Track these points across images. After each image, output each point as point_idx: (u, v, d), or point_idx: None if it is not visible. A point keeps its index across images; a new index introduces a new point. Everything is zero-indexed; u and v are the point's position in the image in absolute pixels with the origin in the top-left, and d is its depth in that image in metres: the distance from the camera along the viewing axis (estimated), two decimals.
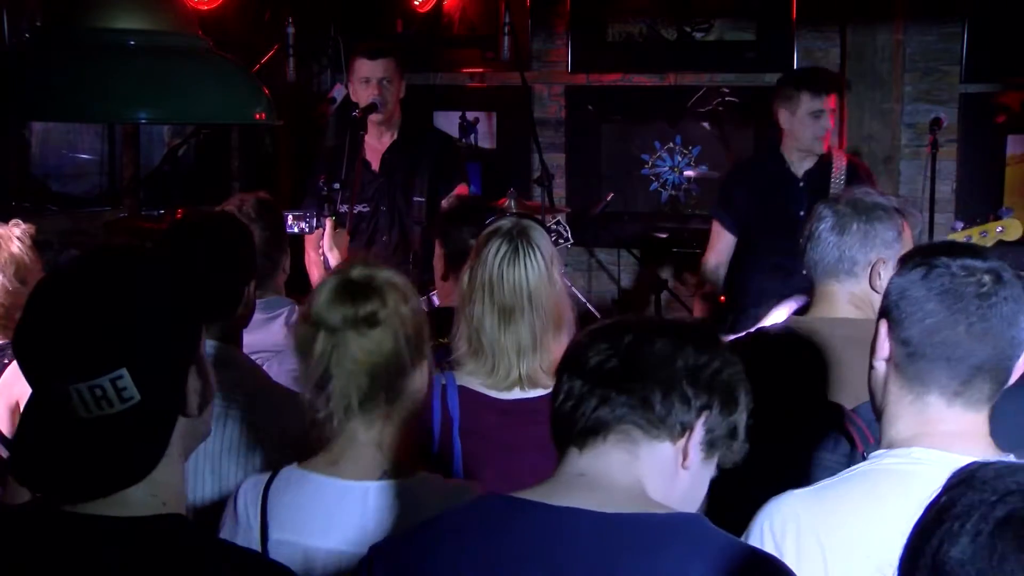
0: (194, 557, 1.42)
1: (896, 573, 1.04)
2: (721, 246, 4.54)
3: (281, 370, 3.23)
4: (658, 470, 1.47)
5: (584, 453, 1.47)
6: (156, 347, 1.42)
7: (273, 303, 3.32)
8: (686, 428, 1.49)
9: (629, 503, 1.43)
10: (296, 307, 3.42)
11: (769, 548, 1.65)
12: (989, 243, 4.04)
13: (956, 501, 1.00)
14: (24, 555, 1.40)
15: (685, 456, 1.48)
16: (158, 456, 1.42)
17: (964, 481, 1.02)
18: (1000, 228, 4.06)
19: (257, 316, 3.18)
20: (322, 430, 1.95)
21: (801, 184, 4.37)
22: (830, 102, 4.32)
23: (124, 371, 1.37)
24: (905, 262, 1.72)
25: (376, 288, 1.97)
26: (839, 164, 4.41)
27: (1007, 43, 5.41)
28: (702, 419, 1.49)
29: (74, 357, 1.37)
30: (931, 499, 1.04)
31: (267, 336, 3.23)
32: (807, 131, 4.33)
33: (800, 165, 4.40)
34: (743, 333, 2.74)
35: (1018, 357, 1.66)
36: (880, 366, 1.70)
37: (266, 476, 1.97)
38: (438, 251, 3.29)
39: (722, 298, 5.19)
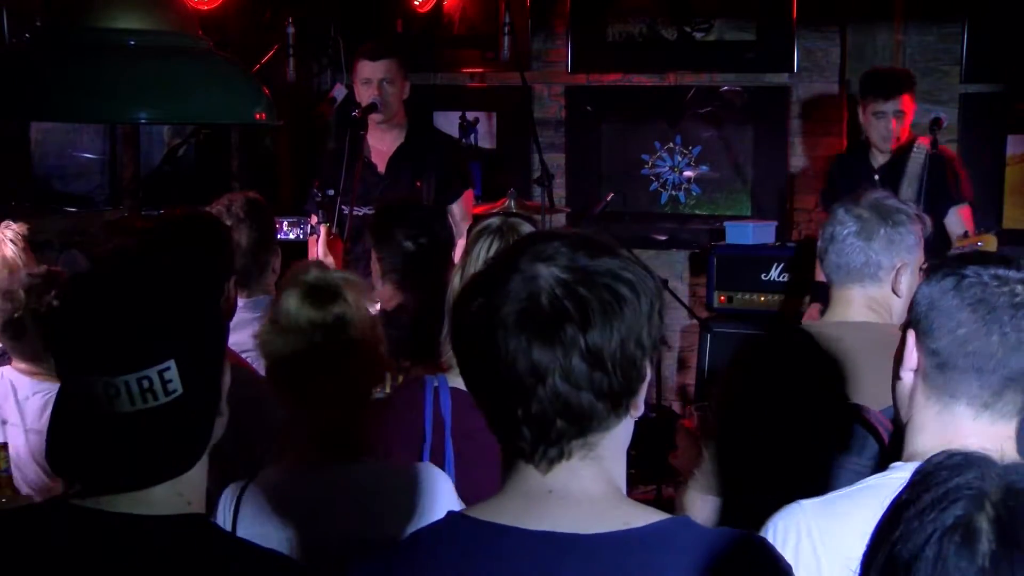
0: (218, 557, 1.43)
1: (858, 570, 1.04)
2: None
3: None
4: (619, 447, 1.37)
5: (547, 474, 1.33)
6: (200, 342, 1.45)
7: (260, 302, 3.32)
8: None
9: (607, 516, 1.33)
10: None
11: None
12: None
13: (911, 502, 1.01)
14: (50, 553, 1.41)
15: (636, 406, 1.36)
16: (199, 452, 1.45)
17: (923, 479, 1.02)
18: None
19: (244, 315, 3.20)
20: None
21: (876, 177, 4.57)
22: (896, 104, 4.61)
23: (172, 363, 1.39)
24: (933, 272, 1.68)
25: (336, 289, 2.06)
26: (918, 152, 4.63)
27: (1007, 43, 5.41)
28: (649, 364, 1.35)
29: (125, 349, 1.39)
30: (894, 497, 1.04)
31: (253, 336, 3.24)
32: (872, 131, 4.69)
33: (879, 158, 4.66)
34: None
35: None
36: (907, 377, 1.68)
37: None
38: (373, 255, 3.32)
39: (722, 298, 5.20)
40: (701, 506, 2.43)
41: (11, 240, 3.15)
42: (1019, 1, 5.23)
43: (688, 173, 6.08)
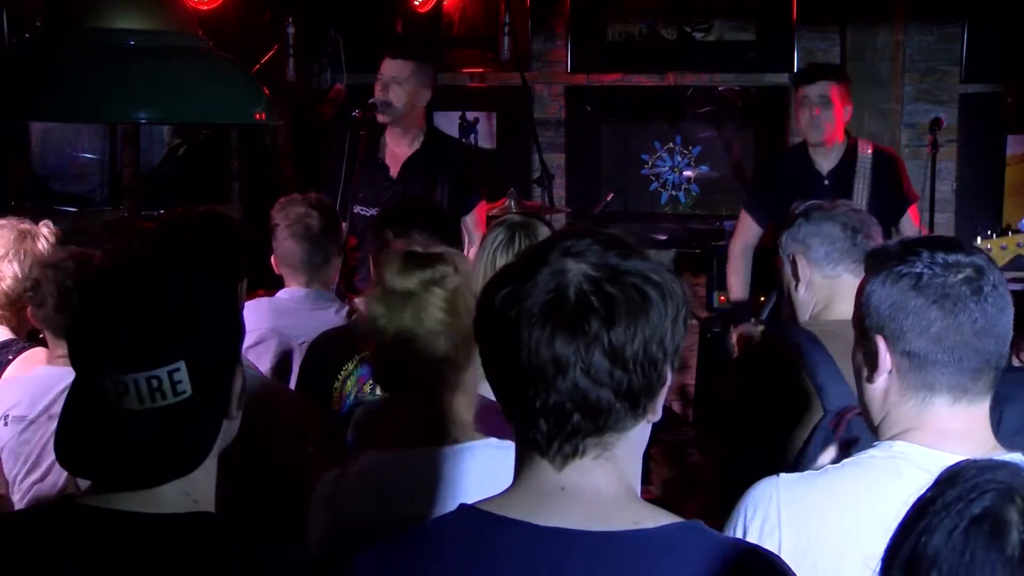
0: (225, 555, 1.44)
1: (879, 565, 1.04)
2: (746, 234, 4.63)
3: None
4: (634, 449, 1.37)
5: (561, 471, 1.34)
6: (212, 345, 1.46)
7: (318, 296, 3.41)
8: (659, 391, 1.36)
9: (618, 515, 1.33)
10: (345, 306, 3.46)
11: (740, 530, 1.67)
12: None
13: (938, 497, 1.01)
14: (58, 552, 1.42)
15: (654, 410, 1.36)
16: (204, 454, 1.45)
17: (950, 478, 1.03)
18: None
19: (301, 305, 3.34)
20: None
21: (826, 182, 4.43)
22: (821, 89, 4.38)
23: (182, 364, 1.40)
24: (882, 271, 1.67)
25: (441, 256, 2.00)
26: (864, 155, 4.46)
27: (1007, 43, 5.41)
28: (671, 369, 1.35)
29: (135, 348, 1.40)
30: (920, 495, 1.04)
31: (311, 323, 3.26)
32: (801, 119, 4.46)
33: (824, 162, 4.47)
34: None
35: (1010, 340, 1.66)
36: (882, 380, 1.67)
37: None
38: (371, 257, 3.31)
39: (722, 298, 5.20)
40: None
41: (45, 236, 3.19)
42: (1019, 1, 5.23)
43: (688, 173, 6.09)
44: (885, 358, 1.66)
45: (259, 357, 3.26)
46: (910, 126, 5.66)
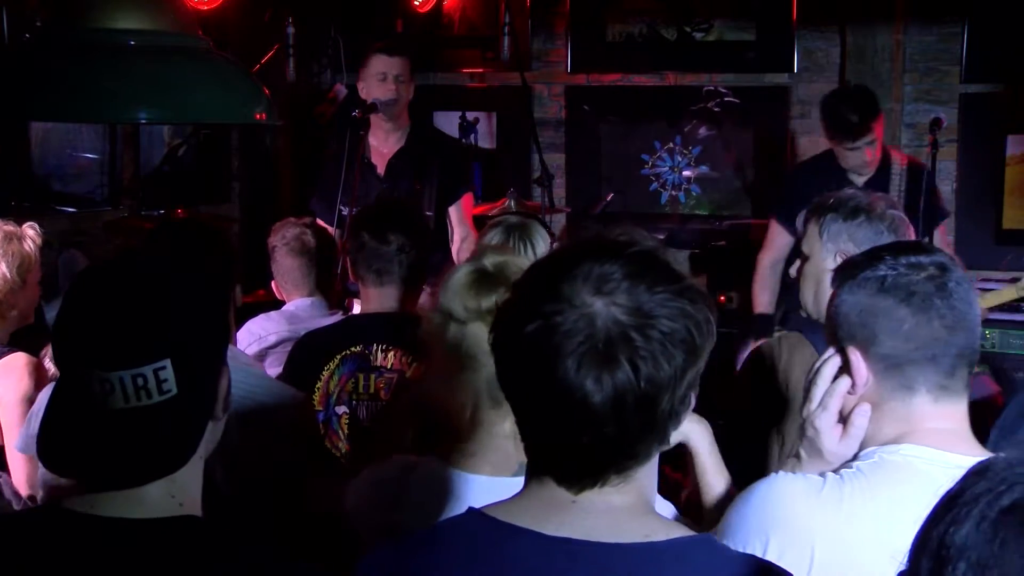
0: (209, 559, 1.43)
1: (907, 557, 1.04)
2: (777, 247, 4.56)
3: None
4: (653, 466, 1.36)
5: (577, 494, 1.33)
6: (198, 344, 1.45)
7: (321, 304, 3.61)
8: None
9: (629, 527, 1.31)
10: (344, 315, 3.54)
11: (752, 534, 1.64)
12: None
13: (967, 489, 1.01)
14: (43, 558, 1.41)
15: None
16: (188, 454, 1.44)
17: (979, 472, 1.03)
18: None
19: (310, 312, 3.52)
20: (456, 421, 1.89)
21: None
22: (870, 136, 4.28)
23: (168, 362, 1.40)
24: (847, 280, 1.68)
25: (506, 278, 1.86)
26: (898, 167, 4.39)
27: (1007, 43, 5.41)
28: (695, 392, 1.34)
29: (121, 345, 1.40)
30: (948, 489, 1.04)
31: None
32: (848, 162, 4.37)
33: (860, 174, 4.38)
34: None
35: (979, 334, 1.68)
36: (860, 390, 1.66)
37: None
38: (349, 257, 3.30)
39: (721, 298, 5.20)
40: None
41: (31, 238, 3.20)
42: (1019, 1, 5.23)
43: (688, 173, 6.08)
44: (861, 368, 1.66)
45: (281, 359, 3.32)
46: (910, 126, 5.66)
